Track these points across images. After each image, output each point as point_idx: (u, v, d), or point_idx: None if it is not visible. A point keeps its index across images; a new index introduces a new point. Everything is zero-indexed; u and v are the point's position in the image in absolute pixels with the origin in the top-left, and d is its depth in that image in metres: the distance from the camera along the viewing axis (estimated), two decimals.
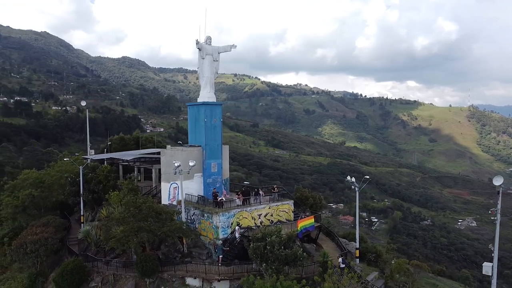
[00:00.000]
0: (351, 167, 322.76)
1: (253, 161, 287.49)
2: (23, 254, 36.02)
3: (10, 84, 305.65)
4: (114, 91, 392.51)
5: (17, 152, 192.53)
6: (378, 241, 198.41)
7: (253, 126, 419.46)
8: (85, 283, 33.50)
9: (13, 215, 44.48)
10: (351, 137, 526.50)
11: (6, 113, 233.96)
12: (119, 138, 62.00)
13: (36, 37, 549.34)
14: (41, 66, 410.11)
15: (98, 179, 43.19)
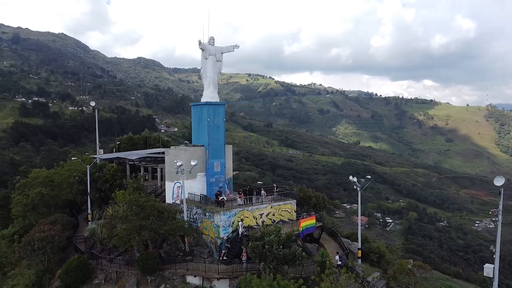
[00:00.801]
0: (365, 167, 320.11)
1: (267, 161, 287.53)
2: (30, 251, 36.88)
3: (29, 85, 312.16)
4: (129, 91, 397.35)
5: (35, 151, 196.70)
6: (393, 242, 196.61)
7: (267, 126, 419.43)
8: (89, 280, 34.15)
9: (23, 213, 45.54)
10: (366, 137, 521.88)
11: (24, 113, 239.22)
12: (128, 138, 62.92)
13: (53, 39, 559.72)
14: (59, 67, 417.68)
15: (104, 178, 43.91)
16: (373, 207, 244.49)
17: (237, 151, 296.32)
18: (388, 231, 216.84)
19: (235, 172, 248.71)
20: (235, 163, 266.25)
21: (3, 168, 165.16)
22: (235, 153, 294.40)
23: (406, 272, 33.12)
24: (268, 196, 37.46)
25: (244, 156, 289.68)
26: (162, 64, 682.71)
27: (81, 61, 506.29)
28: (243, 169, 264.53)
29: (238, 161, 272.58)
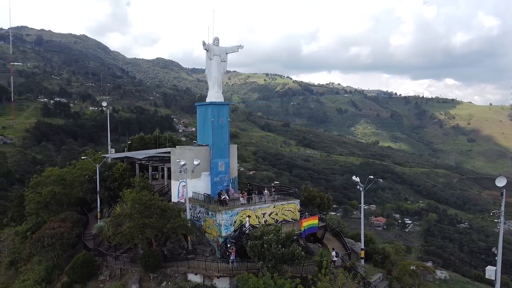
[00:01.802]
0: (384, 167, 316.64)
1: (284, 160, 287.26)
2: (40, 247, 38.00)
3: (51, 86, 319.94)
4: (148, 91, 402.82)
5: (56, 151, 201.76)
6: (411, 243, 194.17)
7: (284, 125, 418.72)
8: (95, 276, 35.00)
9: (36, 210, 46.85)
10: (385, 137, 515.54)
11: (46, 114, 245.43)
12: (139, 137, 63.99)
13: (75, 40, 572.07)
14: (80, 68, 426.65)
15: (113, 177, 44.82)
16: (392, 207, 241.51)
17: (254, 151, 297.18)
18: (406, 232, 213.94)
19: (252, 171, 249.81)
20: (252, 163, 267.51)
21: (26, 167, 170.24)
22: (253, 152, 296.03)
23: (409, 273, 32.78)
24: (271, 195, 37.55)
25: (261, 156, 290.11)
26: (180, 65, 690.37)
27: (102, 62, 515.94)
28: (260, 168, 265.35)
29: (255, 161, 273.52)
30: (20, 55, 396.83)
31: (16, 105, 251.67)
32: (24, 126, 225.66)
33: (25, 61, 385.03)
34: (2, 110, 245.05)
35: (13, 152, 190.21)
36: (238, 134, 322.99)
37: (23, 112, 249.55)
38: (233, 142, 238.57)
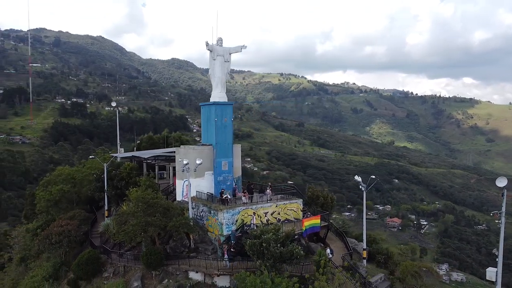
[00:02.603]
0: (399, 167, 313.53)
1: (298, 160, 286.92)
2: (48, 244, 38.92)
3: (68, 87, 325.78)
4: (163, 92, 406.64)
5: (72, 150, 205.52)
6: (427, 244, 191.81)
7: (299, 125, 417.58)
8: (99, 273, 35.70)
9: (46, 208, 47.91)
10: (401, 137, 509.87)
11: (63, 114, 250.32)
12: (148, 137, 64.86)
13: (92, 42, 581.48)
14: (96, 69, 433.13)
15: (121, 176, 45.54)
16: (407, 208, 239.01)
17: (268, 151, 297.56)
18: (422, 234, 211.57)
19: (266, 171, 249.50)
20: (266, 163, 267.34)
21: (43, 166, 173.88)
22: (266, 152, 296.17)
23: (411, 274, 32.50)
24: (271, 195, 37.66)
25: (275, 156, 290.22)
26: (195, 65, 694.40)
27: (118, 63, 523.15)
28: (274, 168, 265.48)
29: (269, 161, 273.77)
30: (38, 57, 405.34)
31: (34, 105, 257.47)
32: (42, 126, 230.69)
33: (44, 62, 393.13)
34: (21, 111, 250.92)
35: (31, 151, 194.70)
36: (252, 134, 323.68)
37: (41, 113, 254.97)
38: (247, 142, 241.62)
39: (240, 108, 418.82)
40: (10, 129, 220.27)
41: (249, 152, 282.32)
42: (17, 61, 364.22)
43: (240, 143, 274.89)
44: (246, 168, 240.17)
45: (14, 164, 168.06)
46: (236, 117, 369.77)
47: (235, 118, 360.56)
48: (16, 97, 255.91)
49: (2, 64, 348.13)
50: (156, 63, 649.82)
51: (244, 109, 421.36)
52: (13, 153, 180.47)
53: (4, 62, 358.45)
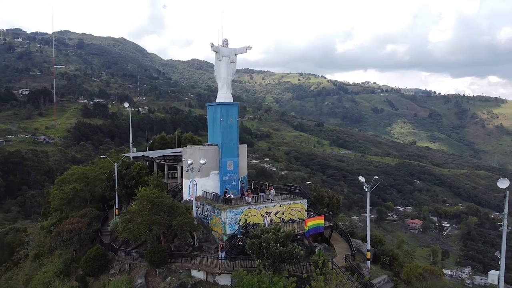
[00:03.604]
0: (421, 168, 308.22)
1: (317, 161, 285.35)
2: (59, 241, 40.09)
3: (91, 88, 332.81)
4: (183, 92, 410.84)
5: (94, 150, 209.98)
6: (449, 247, 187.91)
7: (318, 125, 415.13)
8: (106, 270, 36.59)
9: (60, 206, 49.29)
10: (423, 137, 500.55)
11: (86, 114, 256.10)
12: (160, 137, 65.90)
13: (114, 43, 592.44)
14: (118, 70, 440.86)
15: (131, 175, 46.48)
16: (429, 210, 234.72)
17: (287, 151, 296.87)
18: (444, 236, 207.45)
19: (284, 172, 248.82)
20: (285, 163, 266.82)
21: (66, 166, 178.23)
22: (285, 152, 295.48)
23: (415, 276, 32.10)
24: (275, 195, 37.82)
25: (294, 156, 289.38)
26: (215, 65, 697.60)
27: (139, 64, 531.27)
28: (292, 169, 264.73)
29: (287, 161, 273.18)
30: (63, 59, 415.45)
31: (58, 106, 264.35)
32: (65, 126, 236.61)
33: (68, 64, 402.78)
34: (45, 111, 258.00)
35: (54, 151, 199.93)
36: (271, 134, 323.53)
37: (64, 113, 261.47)
38: (266, 142, 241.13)
39: (259, 108, 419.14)
40: (35, 129, 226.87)
41: (268, 152, 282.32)
42: (42, 63, 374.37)
43: (258, 143, 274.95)
44: (264, 168, 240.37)
45: (38, 164, 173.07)
46: (255, 117, 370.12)
47: (254, 118, 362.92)
48: (41, 98, 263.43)
49: (28, 66, 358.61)
50: (176, 64, 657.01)
51: (263, 109, 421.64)
52: (37, 152, 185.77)
53: (30, 64, 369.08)
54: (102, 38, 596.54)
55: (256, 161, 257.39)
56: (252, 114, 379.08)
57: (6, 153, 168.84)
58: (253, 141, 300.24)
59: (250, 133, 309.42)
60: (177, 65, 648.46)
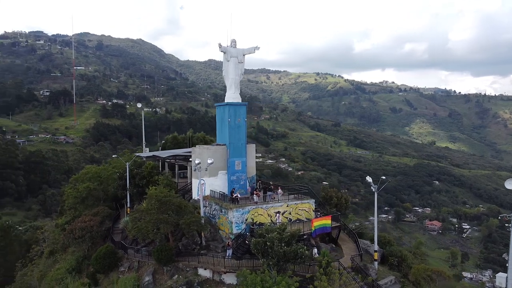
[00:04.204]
0: (440, 169, 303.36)
1: (333, 161, 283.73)
2: (72, 239, 41.03)
3: (109, 88, 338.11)
4: (200, 92, 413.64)
5: (112, 150, 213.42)
6: (469, 249, 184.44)
7: (335, 125, 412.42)
8: (116, 267, 37.28)
9: (74, 205, 50.38)
10: (442, 137, 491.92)
11: (104, 114, 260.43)
12: (172, 137, 66.62)
13: (132, 44, 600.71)
14: (136, 71, 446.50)
15: (142, 174, 47.19)
16: (448, 211, 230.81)
17: (303, 151, 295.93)
18: (464, 238, 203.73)
19: (300, 172, 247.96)
20: (301, 163, 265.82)
21: (85, 165, 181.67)
22: (301, 153, 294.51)
23: (423, 277, 31.72)
24: (283, 195, 37.87)
25: (310, 156, 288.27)
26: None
27: (157, 65, 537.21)
28: (309, 169, 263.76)
29: (303, 161, 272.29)
30: (82, 60, 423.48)
31: (77, 106, 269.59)
32: (85, 127, 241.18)
33: (87, 65, 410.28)
34: (65, 112, 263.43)
35: (73, 150, 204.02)
36: (287, 134, 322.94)
37: (84, 113, 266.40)
38: (282, 142, 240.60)
39: (275, 108, 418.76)
40: (56, 129, 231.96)
41: (284, 152, 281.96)
42: (63, 65, 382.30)
43: (274, 143, 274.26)
44: (280, 168, 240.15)
45: (58, 163, 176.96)
46: (272, 117, 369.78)
47: (270, 118, 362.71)
48: (61, 99, 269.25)
49: (49, 68, 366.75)
50: (193, 64, 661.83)
51: (279, 109, 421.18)
52: (57, 152, 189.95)
53: (51, 65, 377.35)
54: (120, 40, 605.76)
55: (272, 161, 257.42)
56: (268, 114, 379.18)
57: (28, 152, 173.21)
58: (269, 141, 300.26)
59: (266, 133, 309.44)
60: (194, 66, 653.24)
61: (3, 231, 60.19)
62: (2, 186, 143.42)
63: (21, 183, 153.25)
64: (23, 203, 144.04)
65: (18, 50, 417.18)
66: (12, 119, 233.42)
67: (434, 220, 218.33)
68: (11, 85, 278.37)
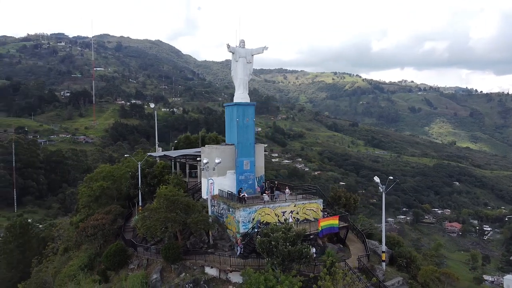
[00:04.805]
0: (461, 169, 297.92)
1: (351, 161, 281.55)
2: (84, 236, 41.96)
3: (128, 89, 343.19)
4: (217, 92, 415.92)
5: (130, 149, 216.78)
6: (490, 252, 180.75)
7: (352, 125, 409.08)
8: (126, 265, 37.99)
9: (88, 203, 51.48)
10: (463, 137, 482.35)
11: (123, 115, 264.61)
12: (185, 137, 67.35)
13: (150, 46, 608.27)
14: (154, 71, 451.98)
15: (153, 173, 47.89)
16: (469, 213, 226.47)
17: (320, 151, 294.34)
18: (485, 240, 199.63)
19: (317, 172, 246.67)
20: (318, 163, 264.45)
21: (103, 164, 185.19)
22: (318, 153, 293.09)
23: (431, 279, 31.29)
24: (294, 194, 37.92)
25: (327, 156, 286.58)
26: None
27: (174, 65, 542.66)
28: (326, 169, 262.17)
29: (320, 161, 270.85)
30: (102, 61, 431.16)
31: (97, 107, 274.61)
32: (104, 127, 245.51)
33: (106, 66, 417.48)
34: (85, 112, 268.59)
35: (93, 150, 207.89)
36: (304, 134, 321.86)
37: (103, 114, 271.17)
38: (299, 142, 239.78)
39: (292, 108, 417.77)
40: (75, 129, 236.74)
41: (301, 152, 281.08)
42: (83, 66, 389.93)
43: (291, 143, 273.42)
44: (297, 168, 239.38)
45: (77, 163, 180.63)
46: (288, 117, 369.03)
47: (287, 118, 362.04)
48: (81, 100, 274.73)
49: (70, 69, 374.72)
50: (210, 64, 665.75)
51: (296, 109, 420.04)
52: (77, 151, 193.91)
53: (72, 67, 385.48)
54: (139, 41, 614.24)
55: (288, 161, 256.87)
56: (285, 114, 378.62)
57: (48, 152, 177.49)
58: (286, 141, 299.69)
59: (283, 133, 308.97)
60: (212, 66, 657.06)
61: (22, 229, 61.89)
62: (24, 185, 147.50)
63: (42, 182, 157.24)
64: (44, 202, 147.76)
65: (41, 52, 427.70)
66: (34, 119, 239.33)
67: (454, 222, 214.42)
68: (34, 86, 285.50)
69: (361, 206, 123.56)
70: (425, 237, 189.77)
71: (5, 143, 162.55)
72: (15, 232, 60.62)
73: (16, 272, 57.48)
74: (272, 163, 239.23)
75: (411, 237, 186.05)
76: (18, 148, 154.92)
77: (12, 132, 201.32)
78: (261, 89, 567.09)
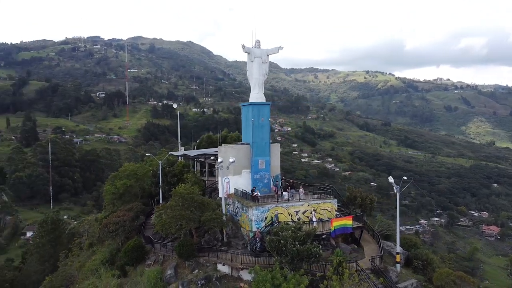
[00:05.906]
0: (499, 171, 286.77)
1: (382, 161, 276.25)
2: (107, 232, 43.52)
3: (160, 90, 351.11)
4: (247, 92, 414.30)
5: (160, 149, 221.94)
6: None
7: (385, 125, 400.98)
8: (143, 261, 39.18)
9: (112, 201, 53.27)
10: (503, 137, 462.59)
11: (155, 115, 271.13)
12: (207, 136, 68.38)
13: (182, 47, 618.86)
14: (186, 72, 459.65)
15: (173, 172, 49.02)
16: (508, 216, 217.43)
17: (351, 151, 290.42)
18: None
19: (348, 172, 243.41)
20: (348, 163, 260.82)
21: None
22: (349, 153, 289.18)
23: (446, 282, 30.50)
24: (305, 193, 37.85)
25: (358, 156, 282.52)
26: (279, 65, 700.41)
27: (205, 66, 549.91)
28: (356, 169, 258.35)
29: (351, 161, 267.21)
30: (135, 63, 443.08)
31: (130, 107, 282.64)
32: (136, 127, 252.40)
33: (140, 67, 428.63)
34: (119, 112, 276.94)
35: (125, 149, 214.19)
36: (335, 134, 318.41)
37: (136, 114, 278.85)
38: (329, 141, 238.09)
39: (322, 108, 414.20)
40: (110, 129, 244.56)
41: (331, 152, 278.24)
42: (117, 67, 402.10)
43: (321, 143, 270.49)
44: (326, 168, 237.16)
45: (111, 161, 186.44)
46: (319, 116, 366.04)
47: (318, 118, 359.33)
48: (115, 100, 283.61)
49: (105, 71, 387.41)
50: (241, 65, 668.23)
51: (327, 108, 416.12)
52: (110, 151, 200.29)
53: (107, 68, 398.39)
54: (171, 42, 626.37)
55: (318, 161, 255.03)
56: (315, 113, 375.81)
57: (84, 151, 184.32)
58: (316, 141, 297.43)
59: (313, 133, 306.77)
60: (242, 66, 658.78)
61: (53, 224, 64.68)
62: (60, 182, 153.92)
63: (78, 180, 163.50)
64: (79, 199, 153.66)
65: (78, 54, 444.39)
66: (71, 120, 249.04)
67: (491, 225, 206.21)
68: (71, 88, 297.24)
69: (393, 208, 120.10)
70: (460, 240, 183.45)
71: (43, 143, 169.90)
72: (47, 228, 63.39)
73: (48, 265, 60.21)
74: (302, 163, 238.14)
75: (446, 240, 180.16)
76: (55, 147, 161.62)
77: (50, 132, 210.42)
78: (292, 88, 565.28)
